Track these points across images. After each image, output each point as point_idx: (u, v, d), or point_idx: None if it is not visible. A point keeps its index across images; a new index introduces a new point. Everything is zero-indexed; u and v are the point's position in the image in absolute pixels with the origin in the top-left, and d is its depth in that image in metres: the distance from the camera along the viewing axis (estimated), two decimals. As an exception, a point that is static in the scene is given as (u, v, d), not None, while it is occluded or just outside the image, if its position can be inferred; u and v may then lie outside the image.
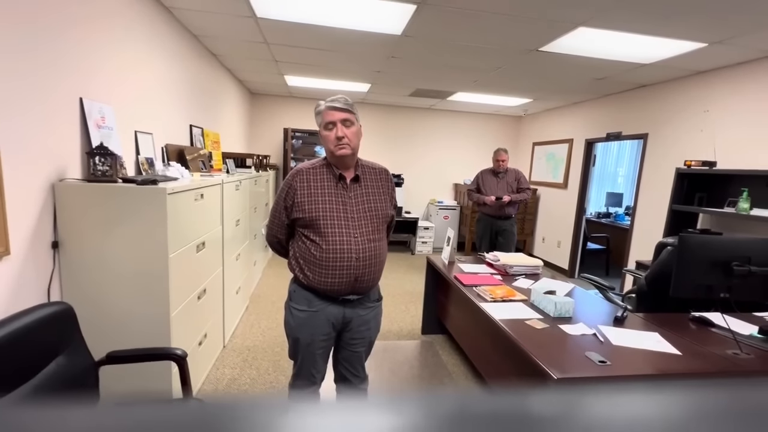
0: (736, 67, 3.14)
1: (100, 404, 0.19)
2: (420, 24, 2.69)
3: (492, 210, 3.94)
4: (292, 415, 0.19)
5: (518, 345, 1.60)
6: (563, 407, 0.19)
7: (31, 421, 0.18)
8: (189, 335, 2.02)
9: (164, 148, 2.66)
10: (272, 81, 4.84)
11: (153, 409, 0.19)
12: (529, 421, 0.19)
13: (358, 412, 0.20)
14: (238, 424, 0.18)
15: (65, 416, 0.18)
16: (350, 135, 1.39)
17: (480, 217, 4.12)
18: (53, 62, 1.59)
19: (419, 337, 3.08)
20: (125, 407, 0.18)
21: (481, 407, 0.19)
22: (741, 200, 2.84)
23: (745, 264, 1.65)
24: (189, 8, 2.65)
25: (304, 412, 0.19)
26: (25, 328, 1.10)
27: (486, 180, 4.04)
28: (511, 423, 0.19)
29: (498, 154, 4.00)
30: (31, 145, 1.50)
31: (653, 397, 0.20)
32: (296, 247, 1.47)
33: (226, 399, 0.19)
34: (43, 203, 1.56)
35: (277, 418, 0.18)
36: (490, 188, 3.98)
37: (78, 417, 0.18)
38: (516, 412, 0.19)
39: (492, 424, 0.18)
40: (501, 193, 3.91)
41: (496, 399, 0.20)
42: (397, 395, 0.20)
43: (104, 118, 1.91)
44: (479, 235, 4.12)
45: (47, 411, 0.18)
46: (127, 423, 0.18)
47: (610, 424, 0.19)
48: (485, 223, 4.05)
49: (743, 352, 1.59)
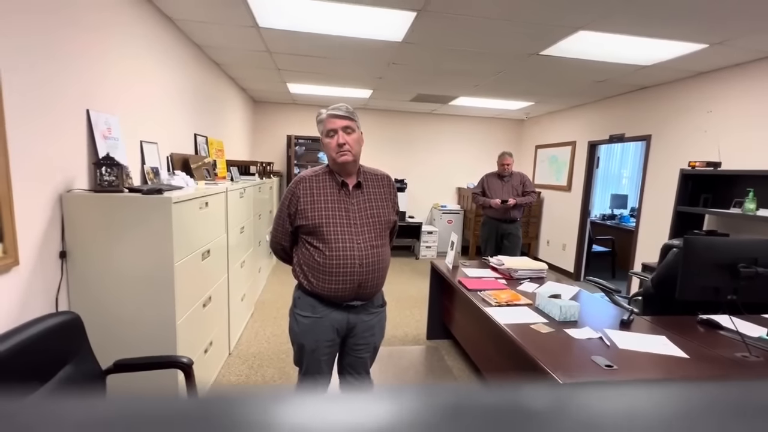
0: (737, 68, 3.13)
1: (99, 398, 0.19)
2: (420, 30, 2.71)
3: (497, 213, 3.94)
4: (291, 403, 0.19)
5: (523, 349, 1.59)
6: (559, 401, 0.19)
7: (27, 412, 0.18)
8: (195, 343, 2.03)
9: (169, 157, 2.69)
10: (275, 89, 4.88)
11: (152, 402, 0.19)
12: (526, 413, 0.19)
13: (358, 400, 0.20)
14: (238, 413, 0.18)
15: (65, 408, 0.19)
16: (351, 142, 1.41)
17: (485, 220, 4.11)
18: (60, 76, 1.63)
19: (424, 342, 3.07)
20: (125, 400, 0.19)
21: (479, 400, 0.20)
22: (747, 201, 2.81)
23: (751, 265, 1.64)
24: (193, 19, 2.69)
25: (303, 401, 0.19)
26: (33, 338, 1.12)
27: (491, 183, 4.04)
28: (508, 415, 0.19)
29: (503, 157, 4.00)
30: (40, 157, 1.53)
31: (648, 392, 0.20)
32: (300, 254, 1.48)
33: (226, 392, 0.19)
34: (51, 214, 1.59)
35: (276, 406, 0.19)
36: (496, 192, 3.98)
37: (77, 409, 0.19)
38: (513, 404, 0.19)
39: (489, 416, 0.19)
40: (506, 196, 3.91)
41: (494, 392, 0.20)
42: (397, 387, 0.20)
43: (110, 128, 1.94)
44: (484, 238, 4.11)
45: (44, 403, 0.18)
46: (125, 414, 0.18)
47: (606, 418, 0.19)
48: (490, 227, 4.04)
49: (752, 355, 1.57)
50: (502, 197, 3.91)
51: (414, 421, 0.18)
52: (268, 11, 2.51)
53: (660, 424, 0.19)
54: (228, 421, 0.18)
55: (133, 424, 0.17)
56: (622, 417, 0.19)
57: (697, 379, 0.55)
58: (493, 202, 3.90)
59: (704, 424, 0.19)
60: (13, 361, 1.05)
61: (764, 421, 0.19)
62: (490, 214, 4.02)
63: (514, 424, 0.18)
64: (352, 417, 0.18)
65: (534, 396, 0.20)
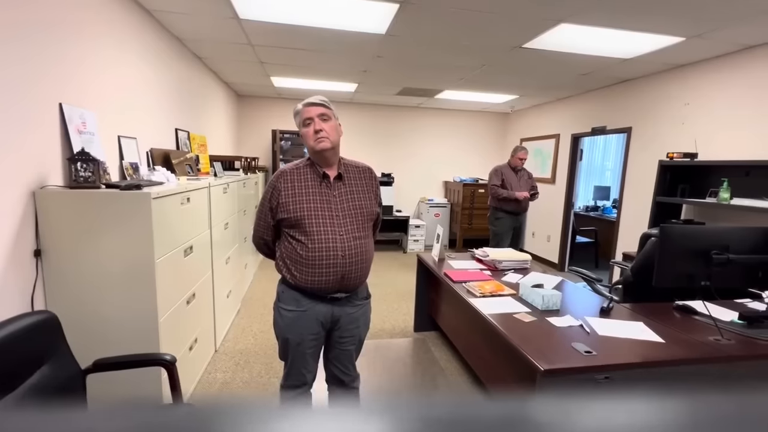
0: (714, 60, 3.21)
1: (88, 409, 0.19)
2: (403, 23, 2.70)
3: (515, 207, 4.02)
4: (282, 422, 0.18)
5: (506, 338, 1.62)
6: (558, 414, 0.19)
7: (15, 427, 0.18)
8: (179, 340, 2.01)
9: (149, 152, 2.63)
10: (259, 82, 4.81)
11: (141, 414, 0.18)
12: (524, 427, 0.18)
13: (350, 418, 0.19)
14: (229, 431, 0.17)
15: (52, 421, 0.18)
16: (328, 129, 1.40)
17: (500, 215, 4.07)
18: (31, 68, 1.57)
19: (412, 334, 3.10)
20: (113, 412, 0.18)
21: (475, 413, 0.19)
22: (722, 190, 2.90)
23: (723, 252, 1.70)
24: (170, 10, 2.62)
25: (294, 419, 0.19)
26: (7, 338, 1.09)
27: (508, 175, 4.10)
28: (506, 430, 0.18)
29: (520, 152, 4.08)
30: (10, 153, 1.48)
31: (649, 405, 0.20)
32: (283, 247, 1.47)
33: (217, 402, 0.19)
34: (23, 211, 1.54)
35: (268, 425, 0.18)
36: (514, 185, 4.06)
37: (65, 422, 0.18)
38: (512, 418, 0.19)
39: (488, 430, 0.18)
40: (524, 189, 4.04)
41: (492, 405, 0.20)
42: (390, 400, 0.19)
43: (85, 123, 1.89)
44: (499, 232, 4.08)
45: (32, 416, 0.18)
46: (115, 428, 0.18)
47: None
48: (507, 221, 4.05)
49: (724, 338, 1.63)
50: (519, 189, 4.01)
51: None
52: (248, 3, 2.46)
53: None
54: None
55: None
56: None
57: (673, 363, 0.53)
58: (519, 194, 3.95)
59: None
60: (-15, 361, 1.02)
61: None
62: (507, 208, 4.03)
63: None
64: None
65: (535, 409, 0.19)
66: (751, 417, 0.20)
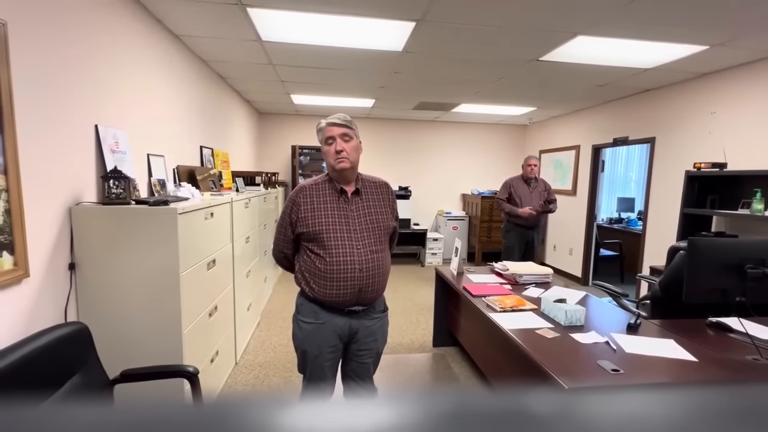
0: (740, 68, 3.12)
1: (103, 404, 0.20)
2: (420, 40, 2.75)
3: (525, 220, 3.89)
4: (292, 410, 0.19)
5: (528, 355, 1.58)
6: (561, 406, 0.19)
7: (32, 419, 0.18)
8: (201, 352, 2.04)
9: (175, 169, 2.74)
10: (279, 100, 4.96)
11: (155, 407, 0.19)
12: (529, 419, 0.19)
13: (359, 407, 0.20)
14: (240, 420, 0.18)
15: (67, 414, 0.19)
16: (349, 149, 1.43)
17: (510, 228, 3.98)
18: (69, 92, 1.68)
19: (430, 349, 3.05)
20: (129, 405, 0.19)
21: (481, 405, 0.20)
22: (755, 201, 2.78)
23: (759, 266, 1.62)
24: (198, 35, 2.76)
25: (304, 407, 0.19)
26: (42, 348, 1.14)
27: (519, 189, 3.97)
28: (510, 421, 0.19)
29: (530, 159, 3.97)
30: (50, 172, 1.58)
31: (652, 397, 0.20)
32: (302, 261, 1.50)
33: (229, 398, 0.20)
34: (60, 227, 1.62)
35: (278, 413, 0.19)
36: (524, 197, 3.93)
37: (80, 415, 0.19)
38: (516, 410, 0.19)
39: (492, 422, 0.18)
40: (535, 202, 3.89)
41: (496, 398, 0.20)
42: (399, 393, 0.20)
43: (118, 142, 1.99)
44: (509, 245, 3.99)
45: (48, 409, 0.19)
46: (129, 420, 0.18)
47: (610, 424, 0.19)
48: (517, 234, 3.94)
49: (763, 357, 1.54)
50: (530, 203, 3.87)
51: (416, 427, 0.18)
52: (270, 25, 2.57)
53: (666, 430, 0.18)
54: (232, 426, 0.18)
55: (139, 428, 0.18)
56: (626, 422, 0.19)
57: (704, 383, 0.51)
58: (522, 212, 3.82)
59: (711, 429, 0.19)
60: (22, 370, 1.07)
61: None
62: (517, 222, 3.93)
63: (517, 431, 0.18)
64: (354, 423, 0.18)
65: (537, 402, 0.19)
66: (757, 408, 0.20)
